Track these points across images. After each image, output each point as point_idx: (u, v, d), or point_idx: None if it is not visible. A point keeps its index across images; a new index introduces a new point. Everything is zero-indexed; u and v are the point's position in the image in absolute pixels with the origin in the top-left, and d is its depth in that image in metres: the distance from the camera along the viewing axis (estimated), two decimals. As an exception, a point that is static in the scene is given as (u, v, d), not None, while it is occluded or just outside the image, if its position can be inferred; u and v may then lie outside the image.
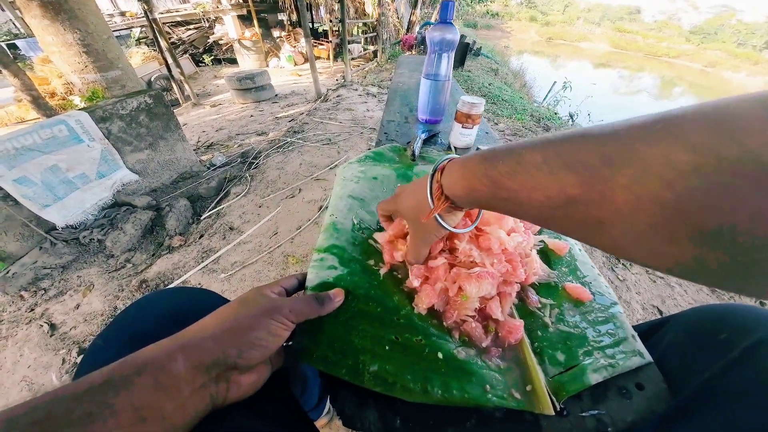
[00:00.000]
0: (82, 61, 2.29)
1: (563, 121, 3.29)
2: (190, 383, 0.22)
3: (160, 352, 0.23)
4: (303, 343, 0.32)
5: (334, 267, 0.39)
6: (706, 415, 0.26)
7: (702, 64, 32.98)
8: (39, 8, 2.01)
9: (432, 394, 0.29)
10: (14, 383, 0.93)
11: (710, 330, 0.32)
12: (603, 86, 12.45)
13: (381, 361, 0.31)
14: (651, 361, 0.33)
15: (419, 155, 0.70)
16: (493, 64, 6.95)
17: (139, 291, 1.19)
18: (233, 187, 1.80)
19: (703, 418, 0.26)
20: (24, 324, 1.09)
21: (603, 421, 0.29)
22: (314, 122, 2.69)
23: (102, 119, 1.47)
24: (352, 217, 0.48)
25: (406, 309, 0.36)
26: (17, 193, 1.22)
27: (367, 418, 0.29)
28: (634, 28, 53.80)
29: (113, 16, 5.86)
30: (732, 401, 0.25)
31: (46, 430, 0.17)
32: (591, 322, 0.36)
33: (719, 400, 0.26)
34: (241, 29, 6.15)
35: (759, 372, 0.26)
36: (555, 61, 19.49)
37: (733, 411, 0.25)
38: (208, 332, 0.25)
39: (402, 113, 1.02)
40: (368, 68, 5.40)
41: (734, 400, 0.25)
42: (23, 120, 3.18)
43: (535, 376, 0.31)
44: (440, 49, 0.78)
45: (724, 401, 0.26)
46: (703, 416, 0.26)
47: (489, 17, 32.83)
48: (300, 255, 1.32)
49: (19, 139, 1.22)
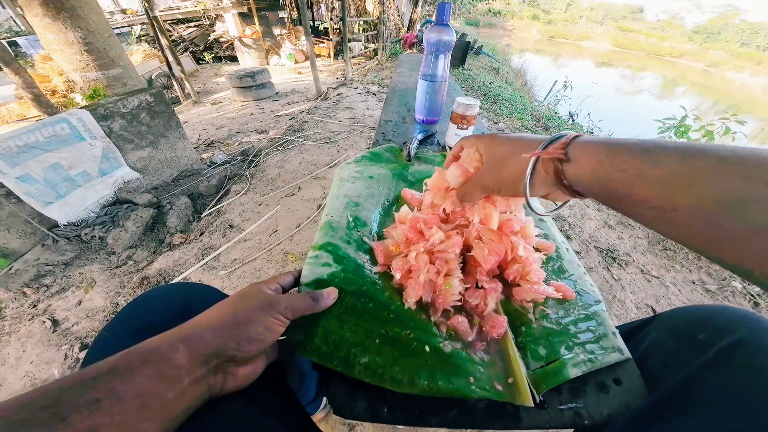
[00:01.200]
0: (83, 59, 2.30)
1: (563, 120, 3.30)
2: (190, 373, 0.24)
3: (163, 342, 0.24)
4: (298, 337, 0.33)
5: (329, 264, 0.41)
6: (681, 414, 0.27)
7: (705, 64, 32.85)
8: (40, 7, 2.02)
9: (419, 385, 0.30)
10: (17, 378, 0.95)
11: (691, 330, 0.33)
12: (605, 85, 12.41)
13: (371, 354, 0.32)
14: (629, 357, 0.34)
15: (415, 156, 0.71)
16: (494, 62, 6.93)
17: (140, 288, 1.21)
18: (233, 185, 1.82)
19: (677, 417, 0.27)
20: (27, 320, 1.11)
21: (580, 414, 0.31)
22: (314, 121, 2.70)
23: (103, 117, 1.49)
24: (347, 215, 0.50)
25: (396, 305, 0.37)
26: (20, 190, 1.23)
27: (356, 407, 0.31)
28: (636, 27, 53.55)
29: (114, 13, 5.86)
30: (705, 403, 0.26)
31: (55, 413, 0.18)
32: (573, 319, 0.37)
33: (694, 401, 0.27)
34: (242, 27, 6.15)
35: (733, 374, 0.26)
36: (557, 60, 19.41)
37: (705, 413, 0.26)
38: (208, 325, 0.27)
39: (400, 113, 1.04)
40: (369, 66, 5.40)
41: (708, 401, 0.26)
42: (24, 117, 3.19)
43: (517, 369, 0.32)
44: (437, 50, 0.79)
45: (698, 402, 0.27)
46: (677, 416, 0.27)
47: (491, 15, 32.72)
48: (299, 253, 1.34)
49: (21, 137, 1.23)
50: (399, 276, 0.39)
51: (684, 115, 2.73)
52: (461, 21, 16.11)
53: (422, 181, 0.63)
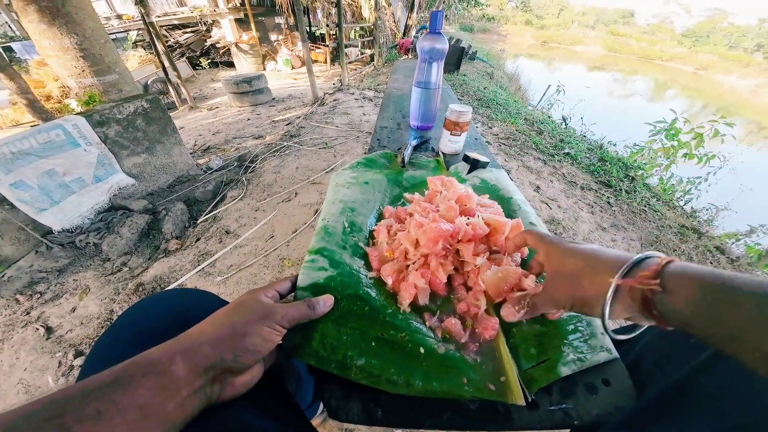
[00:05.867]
0: (79, 65, 2.30)
1: (556, 124, 3.34)
2: (189, 385, 0.24)
3: (162, 355, 0.25)
4: (295, 341, 0.34)
5: (325, 269, 0.42)
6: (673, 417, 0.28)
7: (694, 67, 33.46)
8: (36, 12, 2.02)
9: (414, 386, 0.31)
10: (11, 386, 0.94)
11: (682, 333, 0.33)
12: (597, 89, 12.61)
13: (368, 356, 0.33)
14: (617, 357, 0.35)
15: (409, 162, 0.73)
16: (489, 67, 7.01)
17: (135, 294, 1.20)
18: (230, 191, 1.82)
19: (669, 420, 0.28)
20: (20, 327, 1.10)
21: (570, 415, 0.31)
22: (311, 126, 2.71)
23: (99, 123, 1.49)
24: (343, 221, 0.51)
25: (391, 308, 0.38)
26: (13, 197, 1.22)
27: (351, 410, 0.31)
28: (627, 32, 54.48)
29: (110, 19, 5.85)
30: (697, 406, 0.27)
31: (60, 424, 0.19)
32: (564, 320, 0.38)
33: (686, 404, 0.28)
34: (239, 32, 6.18)
35: (724, 377, 0.27)
36: (550, 64, 19.70)
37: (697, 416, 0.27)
38: (206, 338, 0.27)
39: (395, 119, 1.05)
40: (365, 72, 5.44)
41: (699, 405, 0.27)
42: (18, 123, 3.17)
43: (509, 368, 0.33)
44: (430, 57, 0.81)
45: (690, 405, 0.27)
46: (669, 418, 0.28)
47: (485, 21, 33.13)
48: (296, 258, 1.34)
49: (15, 143, 1.23)
50: (391, 282, 0.40)
51: (674, 118, 2.78)
52: (456, 26, 16.30)
53: (416, 187, 0.64)
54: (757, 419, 0.24)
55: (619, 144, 2.97)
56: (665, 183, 2.65)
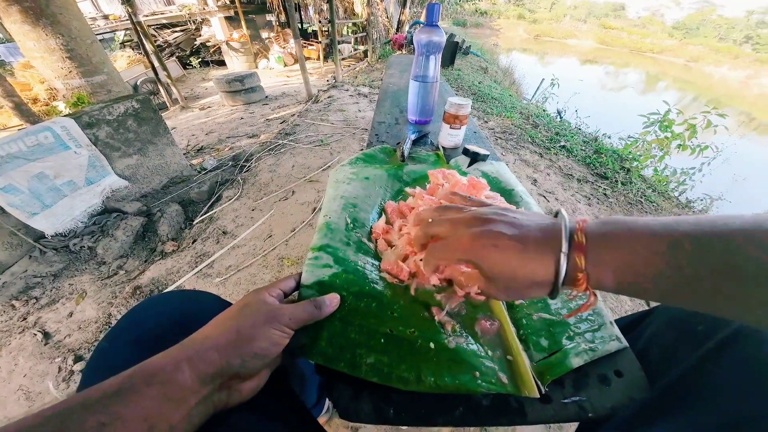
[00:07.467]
0: (65, 66, 2.25)
1: (551, 118, 3.35)
2: (196, 394, 0.23)
3: (167, 363, 0.24)
4: (301, 341, 0.33)
5: (329, 265, 0.41)
6: (681, 407, 0.27)
7: (685, 59, 33.76)
8: (19, 13, 1.97)
9: (426, 382, 0.30)
10: (10, 392, 0.93)
11: (689, 321, 0.33)
12: (591, 82, 12.66)
13: (377, 353, 0.32)
14: (627, 345, 0.35)
15: (408, 156, 0.72)
16: (483, 62, 7.01)
17: (133, 297, 1.18)
18: (225, 191, 1.80)
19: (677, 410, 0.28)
20: (17, 333, 1.08)
21: (584, 408, 0.31)
22: (306, 124, 2.68)
23: (88, 125, 1.45)
24: (345, 217, 0.50)
25: (399, 303, 0.37)
26: (3, 201, 1.20)
27: (362, 409, 0.31)
28: (619, 25, 54.75)
29: (96, 19, 5.73)
30: (705, 395, 0.27)
31: None
32: (572, 310, 0.38)
33: (694, 394, 0.27)
34: (229, 31, 6.09)
35: (732, 365, 0.27)
36: (543, 58, 19.70)
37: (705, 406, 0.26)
38: (211, 343, 0.26)
39: (392, 114, 1.04)
40: (359, 68, 5.40)
41: (708, 394, 0.27)
42: (5, 126, 3.10)
43: (520, 361, 0.33)
44: (427, 51, 0.79)
45: (698, 395, 0.27)
46: (677, 409, 0.28)
47: (478, 15, 33.07)
48: (295, 257, 1.33)
49: (3, 147, 1.20)
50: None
51: (667, 110, 2.80)
52: (449, 21, 16.25)
53: (417, 181, 0.63)
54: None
55: (613, 136, 2.98)
56: (660, 174, 2.67)
